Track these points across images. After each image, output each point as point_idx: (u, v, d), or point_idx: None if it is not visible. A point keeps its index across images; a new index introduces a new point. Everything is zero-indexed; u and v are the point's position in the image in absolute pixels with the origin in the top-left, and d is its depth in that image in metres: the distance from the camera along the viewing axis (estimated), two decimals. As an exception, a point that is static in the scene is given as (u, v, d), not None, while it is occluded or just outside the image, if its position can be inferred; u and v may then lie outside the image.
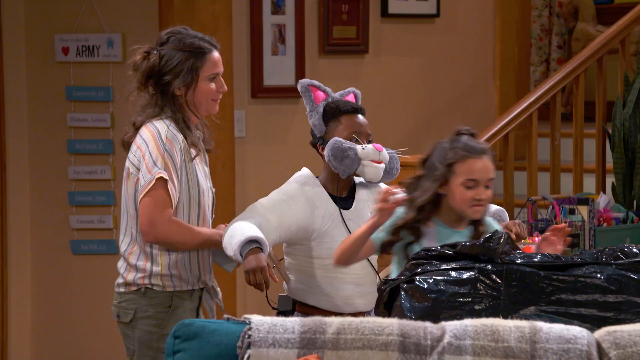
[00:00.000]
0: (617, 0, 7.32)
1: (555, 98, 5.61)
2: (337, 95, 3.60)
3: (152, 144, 3.40)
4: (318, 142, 3.54)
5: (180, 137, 3.44)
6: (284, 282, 3.57)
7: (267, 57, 5.60)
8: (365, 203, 3.56)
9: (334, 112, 3.53)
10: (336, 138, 3.47)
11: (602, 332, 2.73)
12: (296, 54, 5.68)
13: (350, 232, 3.45)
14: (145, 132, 3.45)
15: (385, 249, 3.33)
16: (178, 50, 3.47)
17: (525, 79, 6.74)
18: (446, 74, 6.34)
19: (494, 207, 3.53)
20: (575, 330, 2.71)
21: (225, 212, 5.09)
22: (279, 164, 5.63)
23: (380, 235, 3.31)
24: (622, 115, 5.41)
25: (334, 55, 5.85)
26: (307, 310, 3.48)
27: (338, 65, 5.87)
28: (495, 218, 3.55)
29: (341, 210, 3.49)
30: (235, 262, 3.55)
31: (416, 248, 3.31)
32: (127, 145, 3.53)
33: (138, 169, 3.43)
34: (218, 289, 3.63)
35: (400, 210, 3.32)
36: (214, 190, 3.60)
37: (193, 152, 3.46)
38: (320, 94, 3.57)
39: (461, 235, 3.50)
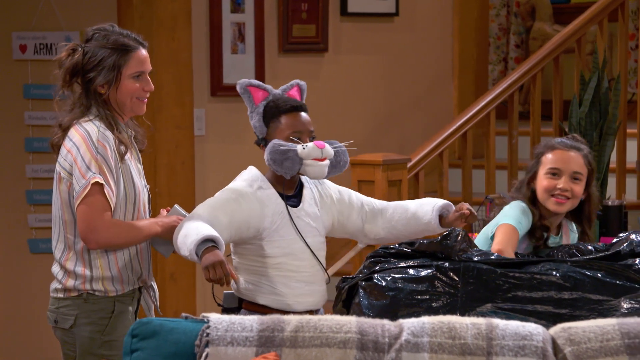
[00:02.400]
0: (573, 0, 7.41)
1: (512, 96, 5.67)
2: (279, 91, 3.53)
3: (84, 148, 3.33)
4: (261, 143, 3.48)
5: (111, 136, 3.37)
6: (233, 281, 3.54)
7: (226, 56, 5.60)
8: (312, 200, 3.52)
9: (273, 113, 3.45)
10: (275, 141, 3.40)
11: (557, 329, 2.75)
12: (256, 53, 5.69)
13: (298, 230, 3.43)
14: (75, 135, 3.37)
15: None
16: (102, 47, 3.39)
17: (483, 78, 6.80)
18: (405, 72, 6.37)
19: (441, 202, 3.58)
20: (531, 327, 2.72)
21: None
22: (239, 162, 5.60)
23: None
24: (578, 114, 5.47)
25: (293, 53, 5.86)
26: (254, 307, 3.43)
27: (298, 63, 5.88)
28: (443, 212, 3.57)
29: (289, 208, 3.45)
30: (173, 247, 3.49)
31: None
32: (56, 148, 3.43)
33: (70, 174, 3.35)
34: (156, 288, 3.59)
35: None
36: (148, 187, 3.56)
37: (122, 150, 3.39)
38: (260, 94, 3.49)
39: (553, 240, 3.63)
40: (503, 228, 3.55)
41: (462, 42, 6.60)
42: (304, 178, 3.53)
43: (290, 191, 3.48)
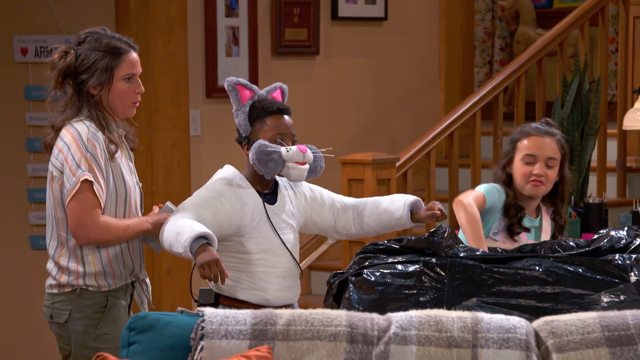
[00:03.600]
0: (556, 4, 7.44)
1: (497, 98, 5.73)
2: (263, 92, 3.54)
3: (74, 147, 3.36)
4: (243, 142, 3.47)
5: (101, 136, 3.39)
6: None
7: (221, 58, 5.64)
8: (287, 198, 3.56)
9: (259, 113, 3.45)
10: (260, 141, 3.40)
11: (540, 322, 2.80)
12: (249, 55, 5.72)
13: (274, 227, 3.46)
14: (66, 134, 3.39)
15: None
16: (94, 49, 3.41)
17: (469, 80, 6.83)
18: (394, 74, 6.40)
19: (412, 198, 3.63)
20: (515, 320, 2.77)
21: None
22: (233, 162, 5.62)
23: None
24: (561, 115, 5.52)
25: (286, 56, 5.90)
26: (232, 303, 3.45)
27: (290, 66, 5.93)
28: (413, 208, 3.60)
29: (266, 205, 3.45)
30: None
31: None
32: (48, 148, 3.47)
33: (62, 172, 3.39)
34: (148, 282, 3.62)
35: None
36: (140, 184, 3.58)
37: (112, 148, 3.40)
38: (247, 93, 3.50)
39: (532, 222, 3.72)
40: (470, 191, 3.69)
41: (448, 45, 6.64)
42: (278, 177, 3.54)
43: (267, 189, 3.50)
